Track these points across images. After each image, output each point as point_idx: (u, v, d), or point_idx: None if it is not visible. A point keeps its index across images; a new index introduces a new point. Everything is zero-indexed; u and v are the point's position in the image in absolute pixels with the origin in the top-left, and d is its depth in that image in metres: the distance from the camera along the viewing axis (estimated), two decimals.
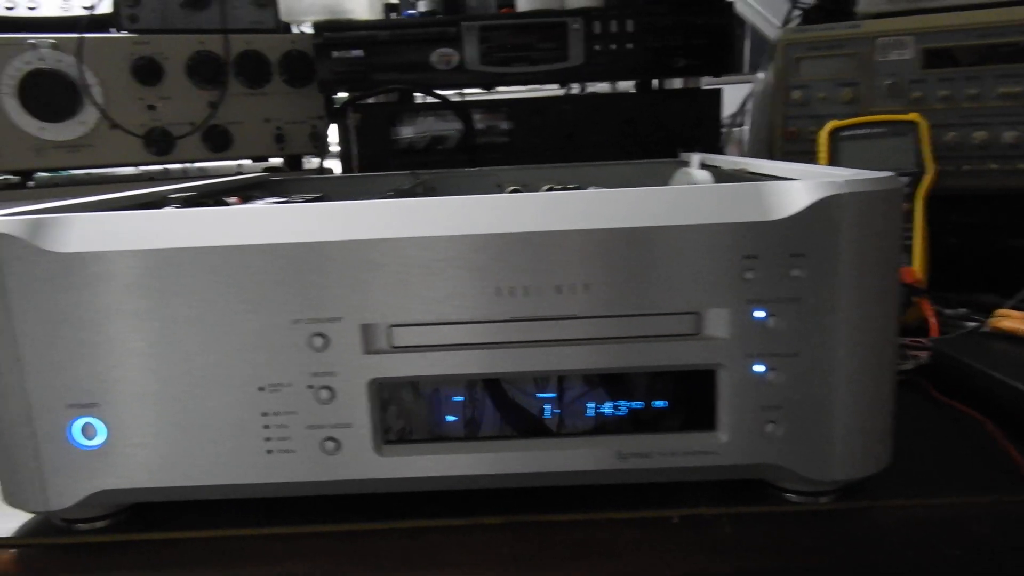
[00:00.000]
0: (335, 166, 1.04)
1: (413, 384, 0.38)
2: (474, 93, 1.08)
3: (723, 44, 0.86)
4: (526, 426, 0.39)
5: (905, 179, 0.45)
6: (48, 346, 0.36)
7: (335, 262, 0.35)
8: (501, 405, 0.39)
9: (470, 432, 0.39)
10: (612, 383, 0.38)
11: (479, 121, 0.92)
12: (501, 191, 0.69)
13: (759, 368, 0.36)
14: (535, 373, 0.37)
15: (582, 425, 0.38)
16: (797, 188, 0.34)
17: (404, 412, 0.38)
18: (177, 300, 0.35)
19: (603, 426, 0.38)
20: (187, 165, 1.04)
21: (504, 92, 1.05)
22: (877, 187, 0.34)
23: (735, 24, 0.87)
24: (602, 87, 1.16)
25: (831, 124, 0.71)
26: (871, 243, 0.34)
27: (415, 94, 0.95)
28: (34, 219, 0.35)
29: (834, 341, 0.35)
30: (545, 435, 0.39)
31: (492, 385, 0.38)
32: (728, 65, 0.87)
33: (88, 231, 0.35)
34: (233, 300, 0.35)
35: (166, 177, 1.01)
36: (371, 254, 0.35)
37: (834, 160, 0.73)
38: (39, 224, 0.35)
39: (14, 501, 0.39)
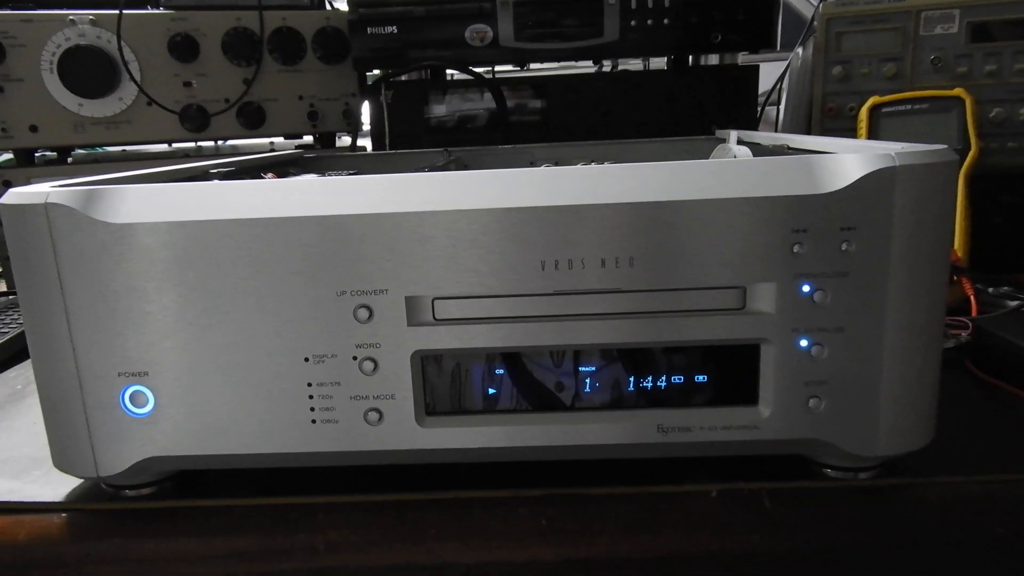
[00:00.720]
0: (366, 144, 1.05)
1: (455, 356, 0.38)
2: (507, 71, 1.07)
3: (764, 19, 0.84)
4: (567, 399, 0.39)
5: None
6: (99, 315, 0.36)
7: (382, 234, 0.35)
8: (541, 378, 0.39)
9: (510, 404, 0.39)
10: (654, 357, 0.38)
11: (512, 99, 0.92)
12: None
13: (804, 343, 0.36)
14: (578, 346, 0.38)
15: (623, 399, 0.39)
16: (848, 161, 0.34)
17: (445, 384, 0.39)
18: (226, 271, 0.36)
19: (644, 400, 0.38)
20: (219, 143, 1.05)
21: (537, 69, 1.04)
22: (931, 159, 0.33)
23: None
24: (634, 64, 1.15)
25: (872, 100, 0.70)
26: (924, 217, 0.34)
27: (448, 71, 0.95)
28: (87, 190, 0.36)
29: (882, 316, 0.35)
30: (586, 408, 0.39)
31: (533, 358, 0.38)
32: (769, 40, 0.85)
33: (140, 202, 0.36)
34: (281, 271, 0.36)
35: (199, 154, 1.02)
36: (419, 226, 0.35)
37: (874, 137, 0.72)
38: (92, 195, 0.36)
39: (64, 467, 0.40)
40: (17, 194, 0.36)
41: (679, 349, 0.38)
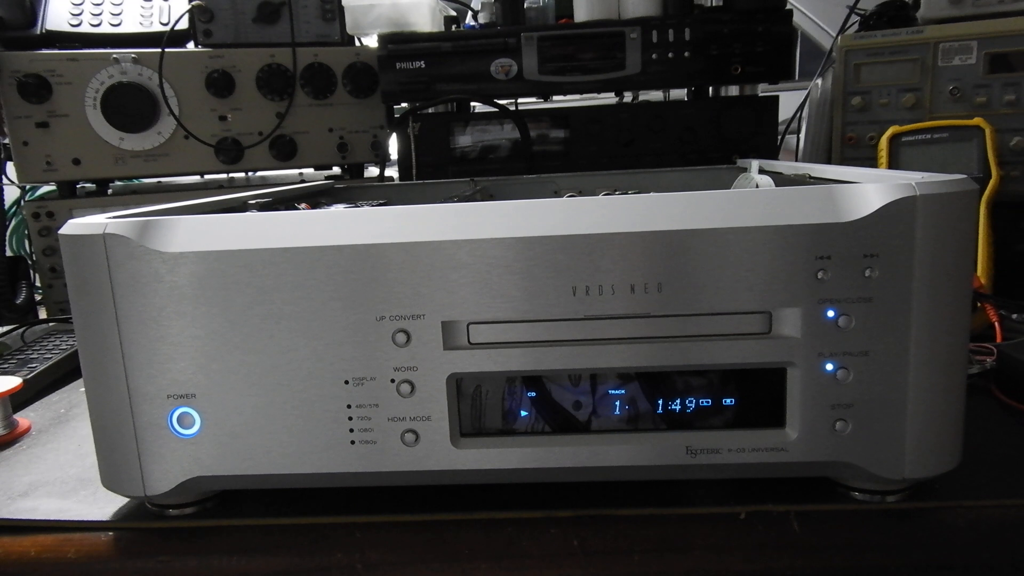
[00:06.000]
0: (393, 174, 1.07)
1: (489, 379, 0.39)
2: (530, 102, 1.09)
3: (782, 50, 0.86)
4: (597, 422, 0.40)
5: None
6: (151, 339, 0.38)
7: (419, 261, 0.37)
8: (572, 400, 0.40)
9: (543, 426, 0.40)
10: (682, 380, 0.39)
11: (536, 129, 0.94)
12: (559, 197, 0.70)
13: (830, 366, 0.37)
14: (609, 370, 0.39)
15: (652, 421, 0.40)
16: (870, 190, 0.35)
17: (479, 406, 0.40)
18: (270, 297, 0.38)
19: (672, 422, 0.39)
20: (250, 174, 1.08)
21: (560, 101, 1.07)
22: (950, 189, 0.34)
23: (794, 31, 0.87)
24: (655, 95, 1.17)
25: (892, 129, 0.71)
26: (945, 244, 0.35)
27: (472, 103, 0.97)
28: (142, 221, 0.38)
29: (906, 340, 0.36)
30: (616, 431, 0.40)
31: (564, 381, 0.40)
32: (788, 71, 0.87)
33: (191, 232, 0.38)
34: (322, 297, 0.37)
35: (231, 185, 1.05)
36: (455, 254, 0.36)
37: (894, 166, 0.72)
38: (146, 226, 0.38)
39: (113, 486, 0.41)
40: (76, 225, 0.38)
41: (707, 372, 0.39)
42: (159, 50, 0.89)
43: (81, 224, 0.38)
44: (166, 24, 0.95)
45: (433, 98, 0.90)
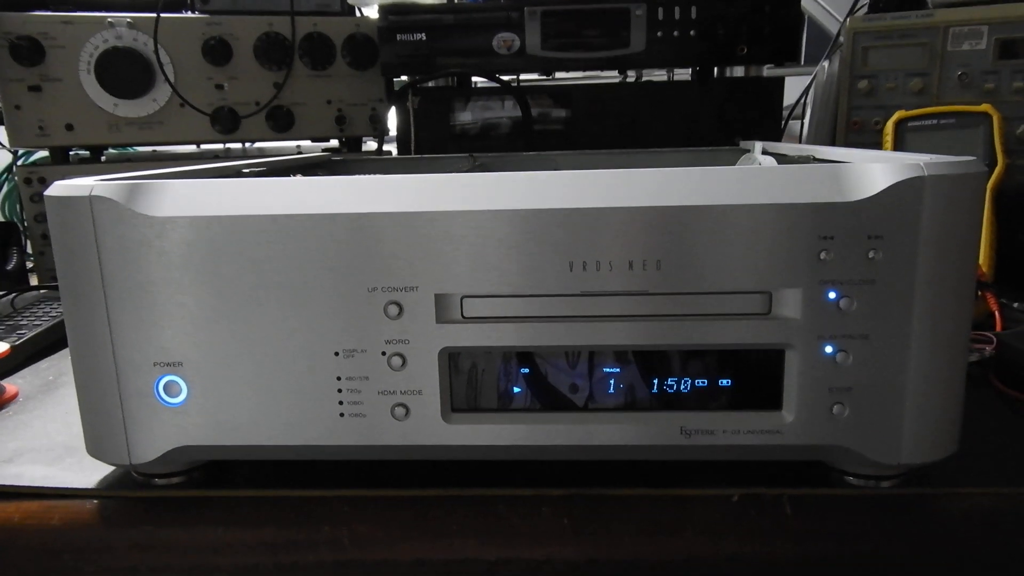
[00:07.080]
0: (391, 149, 1.06)
1: (482, 354, 0.39)
2: (532, 79, 1.08)
3: (789, 32, 0.85)
4: (592, 400, 0.39)
5: None
6: (138, 306, 0.37)
7: (414, 233, 0.36)
8: (566, 378, 0.39)
9: (535, 404, 0.39)
10: (678, 360, 0.38)
11: (537, 107, 0.92)
12: None
13: (829, 349, 0.36)
14: (604, 347, 0.38)
15: (647, 401, 0.39)
16: (876, 170, 0.34)
17: (471, 381, 0.39)
18: (261, 265, 0.37)
19: (667, 402, 0.39)
20: (247, 145, 1.07)
21: (562, 78, 1.06)
22: (959, 170, 0.34)
23: (801, 12, 0.86)
24: (658, 74, 1.16)
25: (898, 114, 0.70)
26: (951, 227, 0.34)
27: (473, 78, 0.96)
28: (130, 184, 0.37)
29: (908, 325, 0.35)
30: (610, 409, 0.39)
31: (559, 358, 0.39)
32: (794, 54, 0.86)
33: (181, 197, 0.37)
34: (315, 267, 0.37)
35: (227, 156, 1.04)
36: (450, 226, 0.35)
37: (900, 151, 0.71)
38: (134, 189, 0.37)
39: (97, 454, 0.41)
40: (63, 187, 0.37)
41: (704, 352, 0.38)
42: (155, 15, 0.88)
43: (67, 185, 0.37)
44: None
45: (434, 72, 0.89)
